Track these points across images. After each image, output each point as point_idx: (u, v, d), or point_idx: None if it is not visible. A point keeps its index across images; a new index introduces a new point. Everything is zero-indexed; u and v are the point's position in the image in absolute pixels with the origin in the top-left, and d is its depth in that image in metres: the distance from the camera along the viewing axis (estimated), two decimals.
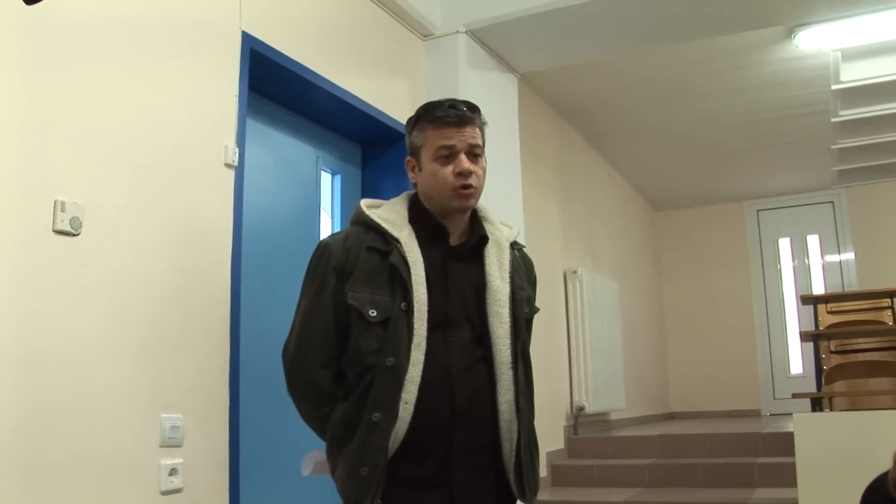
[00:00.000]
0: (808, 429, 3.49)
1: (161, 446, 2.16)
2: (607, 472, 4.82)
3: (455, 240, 1.79)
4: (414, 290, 1.66)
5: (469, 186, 1.72)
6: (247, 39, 2.65)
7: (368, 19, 3.47)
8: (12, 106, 1.89)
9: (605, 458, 5.10)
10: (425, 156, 1.76)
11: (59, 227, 1.95)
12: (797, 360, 7.88)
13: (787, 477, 3.67)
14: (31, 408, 1.85)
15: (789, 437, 3.57)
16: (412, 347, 1.63)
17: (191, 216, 2.37)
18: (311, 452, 1.87)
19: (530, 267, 1.92)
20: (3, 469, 1.77)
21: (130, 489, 2.06)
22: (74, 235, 1.99)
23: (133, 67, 2.23)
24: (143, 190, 2.22)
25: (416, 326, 1.64)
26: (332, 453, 1.71)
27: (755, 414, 7.81)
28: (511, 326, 1.73)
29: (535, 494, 1.75)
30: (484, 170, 1.78)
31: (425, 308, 1.66)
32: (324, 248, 1.77)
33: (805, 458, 3.43)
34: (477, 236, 1.79)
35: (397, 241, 1.70)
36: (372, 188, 3.58)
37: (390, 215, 1.76)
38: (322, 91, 3.08)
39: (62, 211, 1.96)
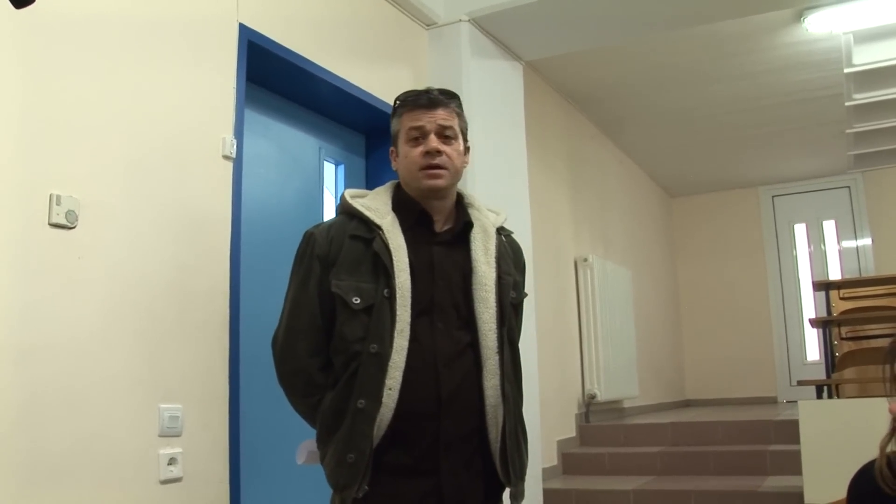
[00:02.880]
0: (813, 416, 3.47)
1: (160, 436, 2.18)
2: (619, 459, 4.80)
3: (440, 226, 1.80)
4: (396, 276, 1.66)
5: (437, 166, 1.74)
6: (244, 32, 2.66)
7: (370, 8, 3.47)
8: (7, 99, 1.90)
9: (617, 446, 5.09)
10: (401, 141, 1.80)
11: (55, 220, 1.97)
12: (814, 346, 7.79)
13: (798, 465, 3.64)
14: (30, 399, 1.87)
15: None
16: (395, 334, 1.64)
17: (188, 208, 2.39)
18: (305, 441, 1.89)
19: (518, 252, 1.93)
20: (2, 460, 1.79)
21: (129, 479, 2.08)
22: (70, 228, 2.01)
23: (129, 60, 2.24)
24: (139, 182, 2.23)
25: (398, 313, 1.65)
26: (322, 441, 1.73)
27: (771, 401, 7.75)
28: (497, 311, 1.73)
29: (522, 480, 1.75)
30: (459, 153, 1.79)
31: (408, 294, 1.67)
32: (308, 238, 1.79)
33: (810, 445, 3.40)
34: (462, 222, 1.80)
35: (380, 228, 1.72)
36: (375, 178, 3.57)
37: (373, 203, 1.78)
38: (324, 82, 3.08)
39: (58, 204, 1.98)
